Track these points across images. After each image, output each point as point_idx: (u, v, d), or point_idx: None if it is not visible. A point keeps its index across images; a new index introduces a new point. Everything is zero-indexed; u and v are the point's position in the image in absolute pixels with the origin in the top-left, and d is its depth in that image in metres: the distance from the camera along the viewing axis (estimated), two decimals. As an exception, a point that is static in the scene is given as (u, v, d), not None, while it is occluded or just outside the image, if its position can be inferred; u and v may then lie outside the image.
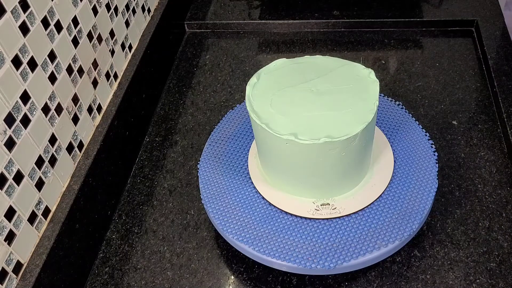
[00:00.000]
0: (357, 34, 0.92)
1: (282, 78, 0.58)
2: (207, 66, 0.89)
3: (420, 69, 0.83)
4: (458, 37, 0.89)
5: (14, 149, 0.51)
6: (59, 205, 0.58)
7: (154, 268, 0.61)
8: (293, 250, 0.55)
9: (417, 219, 0.56)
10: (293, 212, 0.57)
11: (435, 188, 0.59)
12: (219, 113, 0.80)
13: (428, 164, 0.61)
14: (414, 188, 0.59)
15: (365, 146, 0.55)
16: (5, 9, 0.49)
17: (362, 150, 0.55)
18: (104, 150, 0.66)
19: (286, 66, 0.60)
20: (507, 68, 0.78)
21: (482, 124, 0.74)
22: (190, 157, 0.74)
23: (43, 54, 0.55)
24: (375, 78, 0.57)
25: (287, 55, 0.89)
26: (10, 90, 0.50)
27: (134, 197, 0.70)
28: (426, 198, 0.58)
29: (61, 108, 0.59)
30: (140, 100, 0.77)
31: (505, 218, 0.62)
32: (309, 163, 0.54)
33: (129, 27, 0.77)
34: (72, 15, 0.61)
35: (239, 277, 0.60)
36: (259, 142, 0.57)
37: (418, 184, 0.59)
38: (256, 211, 0.59)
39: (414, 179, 0.60)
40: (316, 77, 0.57)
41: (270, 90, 0.57)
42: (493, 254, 0.59)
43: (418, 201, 0.58)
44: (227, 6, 0.99)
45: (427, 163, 0.62)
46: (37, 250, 0.54)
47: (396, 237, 0.55)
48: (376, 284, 0.57)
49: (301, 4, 0.97)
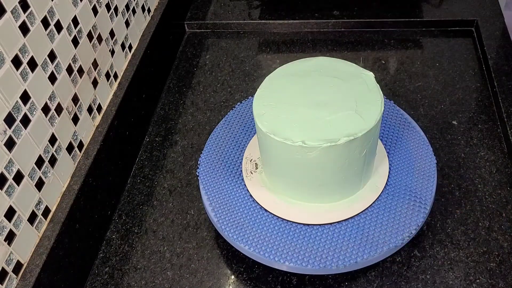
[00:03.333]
0: (357, 34, 0.92)
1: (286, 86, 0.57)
2: (207, 66, 0.89)
3: (420, 69, 0.83)
4: (458, 37, 0.89)
5: (14, 149, 0.51)
6: (59, 205, 0.58)
7: (154, 268, 0.61)
8: (293, 251, 0.55)
9: (418, 219, 0.56)
10: (294, 220, 0.57)
11: (434, 188, 0.59)
12: (219, 113, 0.80)
13: (428, 164, 0.61)
14: (414, 188, 0.59)
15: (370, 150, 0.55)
16: (5, 9, 0.49)
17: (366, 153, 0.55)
18: (104, 150, 0.66)
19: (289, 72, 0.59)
20: (507, 68, 0.78)
21: (482, 124, 0.74)
22: (190, 157, 0.74)
23: (43, 54, 0.55)
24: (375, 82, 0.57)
25: (287, 55, 0.89)
26: (10, 90, 0.50)
27: (134, 197, 0.70)
28: (426, 198, 0.58)
29: (61, 108, 0.59)
30: (140, 100, 0.77)
31: (505, 218, 0.62)
32: (313, 168, 0.54)
33: (129, 27, 0.77)
34: (72, 15, 0.61)
35: (239, 277, 0.60)
36: (263, 149, 0.57)
37: (418, 184, 0.59)
38: (256, 211, 0.59)
39: (414, 179, 0.60)
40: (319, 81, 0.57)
41: (275, 100, 0.56)
42: (493, 254, 0.59)
43: (418, 201, 0.58)
44: (227, 6, 0.99)
45: (427, 163, 0.62)
46: (37, 250, 0.54)
47: (396, 238, 0.55)
48: (376, 284, 0.57)
49: (301, 4, 0.97)
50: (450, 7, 0.92)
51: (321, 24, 0.94)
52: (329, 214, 0.57)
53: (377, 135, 0.56)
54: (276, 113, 0.54)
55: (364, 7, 0.95)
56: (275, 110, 0.55)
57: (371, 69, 0.84)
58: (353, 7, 0.95)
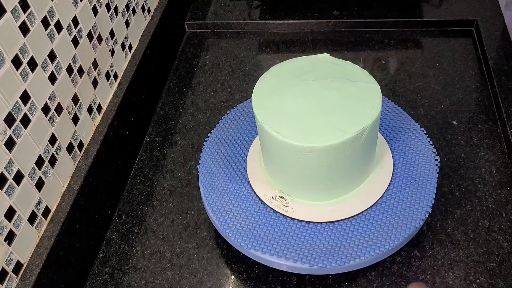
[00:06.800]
0: (357, 34, 0.92)
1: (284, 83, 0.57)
2: (207, 66, 0.89)
3: (420, 69, 0.83)
4: (458, 37, 0.89)
5: (14, 149, 0.51)
6: (59, 205, 0.58)
7: (154, 268, 0.61)
8: (293, 251, 0.55)
9: (417, 219, 0.56)
10: (294, 217, 0.57)
11: (434, 187, 0.59)
12: (219, 113, 0.80)
13: (428, 164, 0.61)
14: (414, 188, 0.59)
15: (369, 145, 0.55)
16: (5, 9, 0.49)
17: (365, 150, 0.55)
18: (104, 150, 0.66)
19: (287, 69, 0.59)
20: (507, 68, 0.78)
21: (482, 124, 0.74)
22: (190, 157, 0.74)
23: (43, 54, 0.55)
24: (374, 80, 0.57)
25: (287, 55, 0.89)
26: (10, 90, 0.50)
27: (134, 197, 0.70)
28: (426, 198, 0.58)
29: (61, 108, 0.59)
30: (140, 100, 0.77)
31: (505, 218, 0.62)
32: (315, 167, 0.54)
33: (129, 27, 0.77)
34: (72, 15, 0.61)
35: (239, 277, 0.60)
36: (265, 147, 0.57)
37: (418, 184, 0.59)
38: (256, 211, 0.59)
39: (414, 179, 0.60)
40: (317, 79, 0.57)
41: (275, 96, 0.56)
42: (493, 254, 0.59)
43: (418, 201, 0.58)
44: (227, 6, 0.99)
45: (427, 163, 0.62)
46: (37, 250, 0.54)
47: (396, 238, 0.55)
48: (376, 284, 0.57)
49: (301, 4, 0.97)
50: (450, 7, 0.93)
51: (321, 24, 0.94)
52: (329, 213, 0.57)
53: (376, 133, 0.56)
54: (277, 112, 0.54)
55: (364, 7, 0.95)
56: (275, 108, 0.55)
57: (371, 69, 0.84)
58: (353, 7, 0.95)
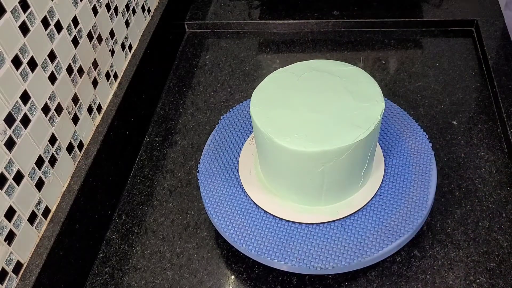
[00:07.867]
0: (357, 34, 0.92)
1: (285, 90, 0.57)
2: (207, 66, 0.89)
3: (420, 69, 0.83)
4: (458, 37, 0.89)
5: (14, 149, 0.51)
6: (59, 205, 0.58)
7: (154, 268, 0.61)
8: (293, 251, 0.55)
9: (418, 219, 0.56)
10: (295, 219, 0.57)
11: (434, 187, 0.59)
12: (219, 113, 0.80)
13: (428, 164, 0.61)
14: (413, 188, 0.59)
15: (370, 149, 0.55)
16: (5, 9, 0.49)
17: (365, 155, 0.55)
18: (104, 150, 0.66)
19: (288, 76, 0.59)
20: (507, 68, 0.78)
21: (482, 124, 0.74)
22: (190, 157, 0.74)
23: (43, 54, 0.55)
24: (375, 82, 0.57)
25: (287, 55, 0.89)
26: (10, 90, 0.50)
27: (134, 197, 0.70)
28: (426, 197, 0.58)
29: (61, 108, 0.59)
30: (140, 100, 0.77)
31: (505, 218, 0.62)
32: (313, 170, 0.54)
33: (129, 27, 0.77)
34: (72, 15, 0.61)
35: (239, 277, 0.60)
36: (261, 150, 0.57)
37: (417, 184, 0.59)
38: (256, 211, 0.59)
39: (414, 179, 0.60)
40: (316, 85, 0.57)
41: (274, 102, 0.56)
42: (493, 254, 0.59)
43: (418, 201, 0.58)
44: (227, 6, 0.99)
45: (427, 163, 0.62)
46: (37, 250, 0.54)
47: (396, 237, 0.55)
48: (376, 284, 0.57)
49: (301, 4, 0.97)
50: (450, 7, 0.93)
51: (321, 24, 0.94)
52: (329, 214, 0.57)
53: (377, 136, 0.56)
54: (274, 115, 0.54)
55: (364, 7, 0.95)
56: (273, 112, 0.55)
57: (371, 69, 0.84)
58: (353, 7, 0.95)
